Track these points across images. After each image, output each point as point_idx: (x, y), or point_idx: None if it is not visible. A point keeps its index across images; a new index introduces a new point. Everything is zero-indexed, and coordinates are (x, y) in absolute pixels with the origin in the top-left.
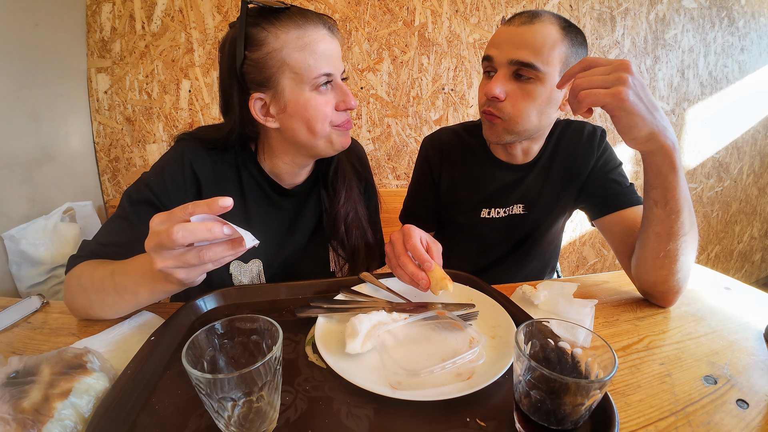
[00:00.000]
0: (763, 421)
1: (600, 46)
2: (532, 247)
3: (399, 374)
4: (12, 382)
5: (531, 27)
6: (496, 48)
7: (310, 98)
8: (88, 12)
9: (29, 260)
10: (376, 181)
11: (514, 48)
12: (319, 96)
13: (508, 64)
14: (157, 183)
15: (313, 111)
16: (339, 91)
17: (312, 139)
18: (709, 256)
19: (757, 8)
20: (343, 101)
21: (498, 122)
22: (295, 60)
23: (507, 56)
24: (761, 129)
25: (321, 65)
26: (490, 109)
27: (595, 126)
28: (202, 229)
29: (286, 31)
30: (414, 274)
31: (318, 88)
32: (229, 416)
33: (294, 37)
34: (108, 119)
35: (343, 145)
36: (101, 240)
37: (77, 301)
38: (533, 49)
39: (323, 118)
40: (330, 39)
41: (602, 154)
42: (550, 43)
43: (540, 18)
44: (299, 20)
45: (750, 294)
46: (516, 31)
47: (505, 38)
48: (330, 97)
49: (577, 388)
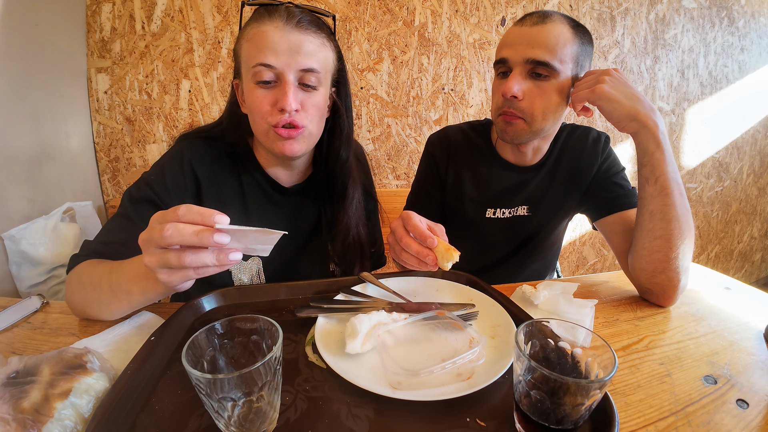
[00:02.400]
0: (763, 421)
1: (600, 46)
2: (535, 249)
3: (399, 374)
4: (12, 382)
5: (544, 27)
6: (510, 48)
7: (250, 89)
8: (88, 12)
9: (29, 260)
10: (376, 181)
11: (529, 47)
12: (258, 90)
13: (523, 63)
14: (157, 182)
15: (252, 104)
16: (280, 89)
17: (258, 133)
18: (709, 256)
19: (757, 8)
20: (279, 100)
21: (518, 122)
22: (245, 50)
23: (522, 56)
24: (761, 129)
25: (259, 56)
26: (510, 110)
27: (599, 132)
28: (189, 232)
29: (249, 24)
30: (419, 252)
31: (258, 81)
32: (229, 416)
33: (248, 30)
34: (108, 119)
35: (280, 150)
36: (102, 239)
37: (76, 299)
38: (548, 48)
39: (258, 113)
40: (282, 32)
41: (606, 158)
42: (563, 42)
43: (551, 18)
44: (261, 16)
45: (750, 294)
46: (529, 31)
47: (518, 39)
48: (269, 94)
49: (577, 388)
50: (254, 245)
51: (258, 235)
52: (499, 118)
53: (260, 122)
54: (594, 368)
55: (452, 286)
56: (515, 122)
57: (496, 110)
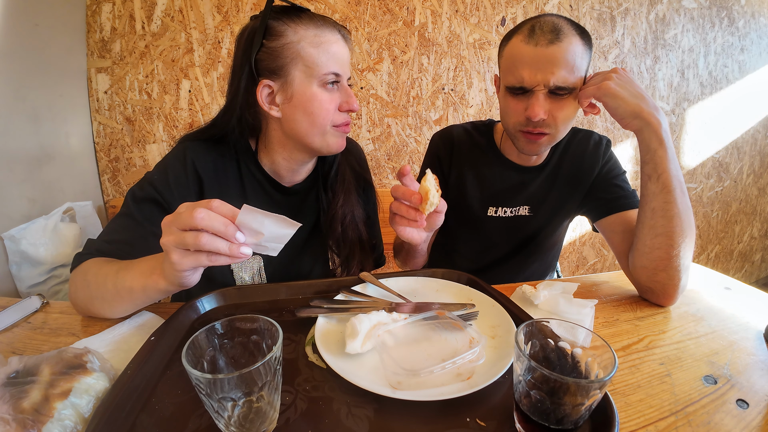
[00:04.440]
0: (763, 421)
1: (600, 46)
2: (535, 249)
3: (399, 374)
4: (12, 382)
5: (560, 46)
6: (530, 72)
7: (317, 93)
8: (88, 12)
9: (29, 260)
10: (376, 181)
11: (550, 73)
12: (325, 92)
13: (545, 86)
14: (160, 181)
15: (318, 105)
16: (344, 92)
17: (310, 133)
18: (709, 256)
19: (757, 8)
20: (347, 102)
21: (543, 139)
22: (309, 54)
23: (544, 81)
24: (761, 129)
25: (331, 64)
26: (537, 129)
27: (601, 135)
28: (220, 221)
29: (305, 27)
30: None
31: (325, 84)
32: (229, 416)
33: (312, 34)
34: (108, 119)
35: (339, 146)
36: (106, 238)
37: (80, 297)
38: (568, 70)
39: (325, 114)
40: (343, 44)
41: (607, 161)
42: (579, 58)
43: (564, 33)
44: (318, 21)
45: (750, 294)
46: (545, 52)
47: (536, 62)
48: (335, 96)
49: (577, 388)
50: (268, 242)
51: (275, 227)
52: (520, 135)
53: (324, 122)
54: (594, 368)
55: (452, 286)
56: (540, 140)
57: (514, 127)
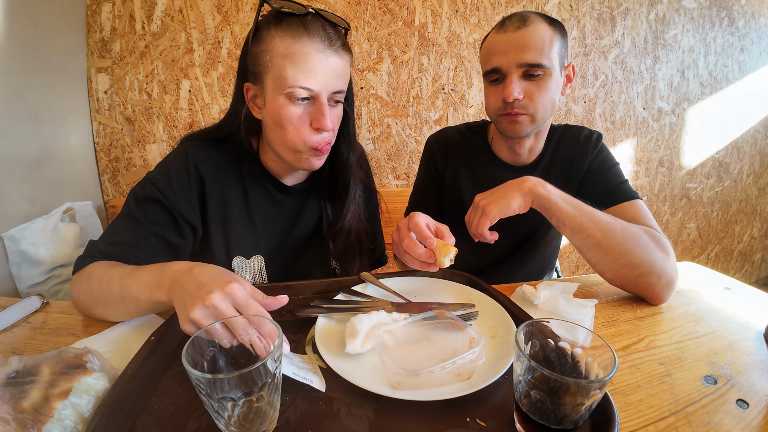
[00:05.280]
0: (763, 421)
1: (600, 46)
2: (533, 248)
3: (399, 374)
4: (12, 382)
5: (527, 30)
6: (501, 56)
7: (283, 105)
8: (88, 12)
9: (29, 260)
10: (376, 181)
11: (520, 52)
12: (293, 107)
13: (517, 68)
14: (162, 181)
15: (285, 119)
16: (316, 109)
17: (282, 144)
18: (709, 256)
19: (757, 8)
20: (316, 119)
21: (522, 118)
22: (278, 65)
23: (515, 62)
24: (761, 129)
25: (300, 78)
26: (513, 110)
27: (591, 130)
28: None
29: (280, 36)
30: (420, 255)
31: (293, 99)
32: (229, 416)
33: (283, 45)
34: (108, 119)
35: (312, 167)
36: (108, 239)
37: (83, 299)
38: (537, 49)
39: (294, 131)
40: (323, 56)
41: (597, 155)
42: (549, 41)
43: (530, 19)
44: (298, 30)
45: (750, 294)
46: (514, 36)
47: (506, 45)
48: (305, 112)
49: (577, 388)
50: None
51: None
52: (501, 118)
53: (294, 139)
54: (594, 368)
55: (452, 286)
56: (519, 119)
57: (495, 112)
